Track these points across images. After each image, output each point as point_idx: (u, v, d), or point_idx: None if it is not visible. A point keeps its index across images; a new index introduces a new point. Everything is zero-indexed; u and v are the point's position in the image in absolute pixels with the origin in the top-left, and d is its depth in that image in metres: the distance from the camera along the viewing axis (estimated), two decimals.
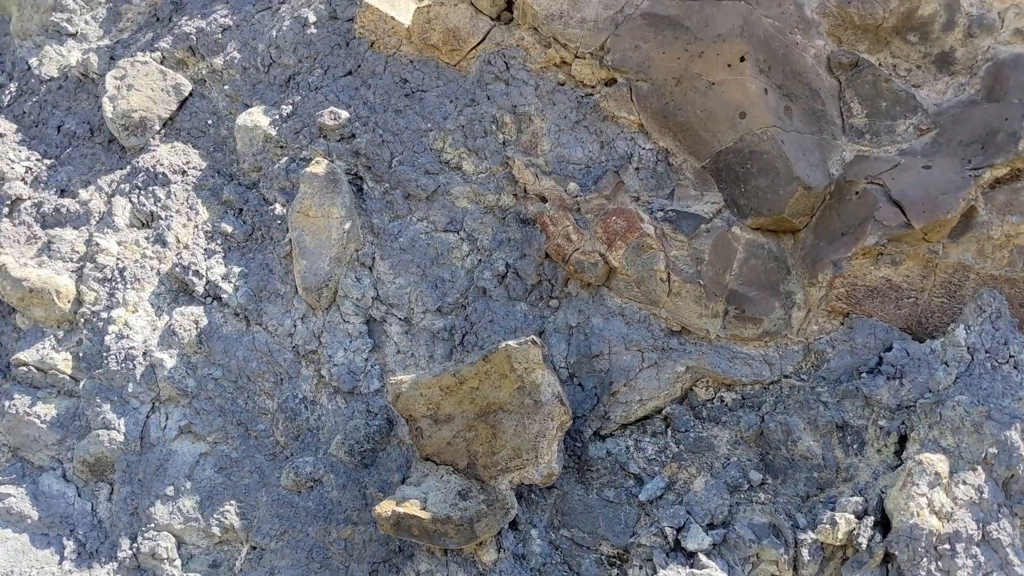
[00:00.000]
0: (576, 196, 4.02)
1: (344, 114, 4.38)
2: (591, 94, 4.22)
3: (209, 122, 4.85)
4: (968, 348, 3.53)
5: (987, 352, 3.50)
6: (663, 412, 3.90)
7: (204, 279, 4.39)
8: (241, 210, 4.59)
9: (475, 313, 4.09)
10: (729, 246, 3.94)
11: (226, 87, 4.84)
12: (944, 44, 4.07)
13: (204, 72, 4.90)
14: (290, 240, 4.27)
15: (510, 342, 3.55)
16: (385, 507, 3.52)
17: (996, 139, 3.80)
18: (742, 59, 3.90)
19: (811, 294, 3.91)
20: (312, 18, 4.70)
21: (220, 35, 4.94)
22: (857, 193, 3.86)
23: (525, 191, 4.16)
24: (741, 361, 3.87)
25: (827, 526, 3.41)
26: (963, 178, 3.70)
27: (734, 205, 4.03)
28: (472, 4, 4.32)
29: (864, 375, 3.69)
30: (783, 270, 4.00)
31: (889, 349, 3.76)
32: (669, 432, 3.86)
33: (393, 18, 4.44)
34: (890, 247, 3.73)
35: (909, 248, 3.75)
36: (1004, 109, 3.83)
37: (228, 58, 4.84)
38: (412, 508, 3.49)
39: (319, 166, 4.19)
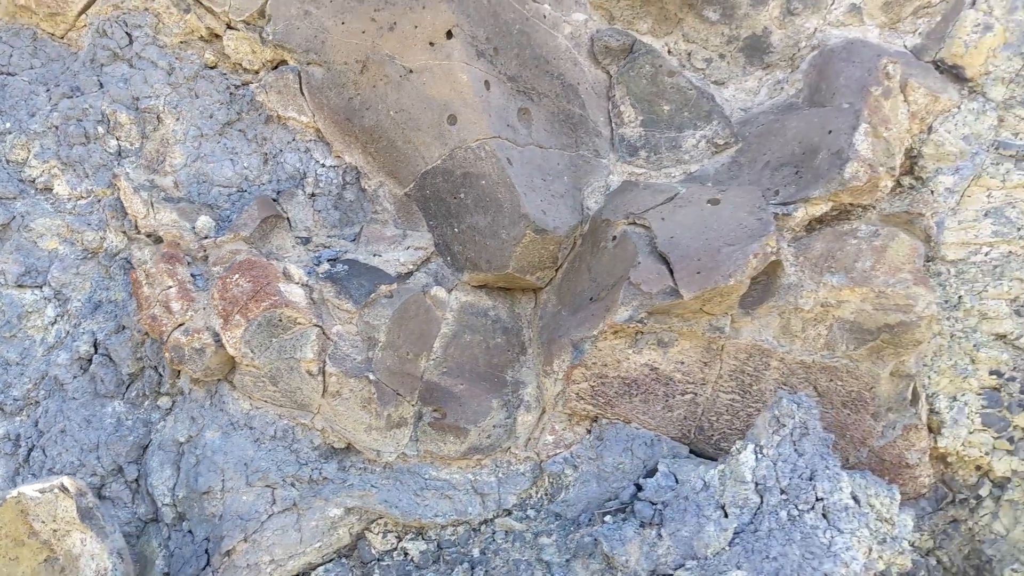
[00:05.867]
0: (205, 238, 2.64)
1: None
2: (250, 83, 2.86)
3: None
4: (756, 485, 2.29)
5: (783, 493, 2.26)
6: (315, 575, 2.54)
7: None
8: None
9: (46, 416, 2.67)
10: (427, 316, 2.62)
11: None
12: (756, 24, 2.89)
13: None
14: None
15: (26, 489, 2.15)
16: None
17: (815, 161, 2.60)
18: (449, 34, 2.60)
19: (547, 387, 2.63)
20: None
21: None
22: (614, 239, 2.60)
23: (136, 227, 2.76)
24: (436, 493, 2.55)
25: None
26: (761, 220, 2.47)
27: (447, 252, 2.73)
28: None
29: (609, 517, 2.42)
30: (514, 349, 2.72)
31: (652, 473, 2.51)
32: None
33: None
34: (653, 323, 2.46)
35: (683, 324, 2.49)
36: (829, 118, 2.63)
37: None
38: None
39: None
